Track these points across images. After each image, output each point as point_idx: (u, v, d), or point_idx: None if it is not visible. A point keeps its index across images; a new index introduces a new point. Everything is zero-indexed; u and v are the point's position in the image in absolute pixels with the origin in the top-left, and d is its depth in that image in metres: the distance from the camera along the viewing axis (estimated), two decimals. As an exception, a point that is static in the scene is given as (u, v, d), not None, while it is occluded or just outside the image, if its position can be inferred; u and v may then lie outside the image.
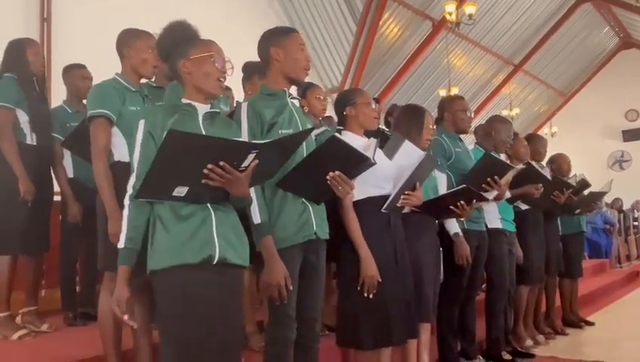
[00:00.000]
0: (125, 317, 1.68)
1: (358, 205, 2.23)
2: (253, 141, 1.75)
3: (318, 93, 3.25)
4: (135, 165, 1.73)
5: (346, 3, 9.65)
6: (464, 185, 2.63)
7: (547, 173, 4.09)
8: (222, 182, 1.63)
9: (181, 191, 1.63)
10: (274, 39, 2.10)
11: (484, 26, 11.81)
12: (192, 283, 1.64)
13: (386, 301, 2.23)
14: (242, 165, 1.64)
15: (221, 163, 1.60)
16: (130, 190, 1.72)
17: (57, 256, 3.47)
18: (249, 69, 3.00)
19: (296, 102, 2.25)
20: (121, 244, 1.70)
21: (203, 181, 1.62)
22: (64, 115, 3.38)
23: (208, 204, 1.71)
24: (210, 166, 1.59)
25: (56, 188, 3.31)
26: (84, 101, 3.27)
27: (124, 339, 2.34)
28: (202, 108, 1.80)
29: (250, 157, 1.63)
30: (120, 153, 2.26)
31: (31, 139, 3.06)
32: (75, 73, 3.52)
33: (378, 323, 2.23)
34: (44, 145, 3.13)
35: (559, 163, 4.56)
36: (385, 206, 2.31)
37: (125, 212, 1.72)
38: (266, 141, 1.69)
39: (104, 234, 2.18)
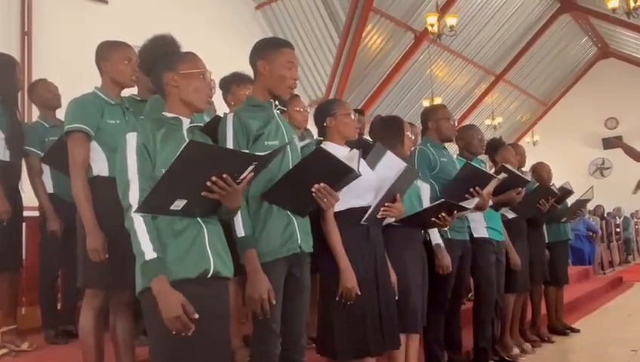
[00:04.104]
0: (196, 315, 1.56)
1: (338, 216, 2.22)
2: (256, 153, 1.75)
3: (298, 104, 3.24)
4: (131, 177, 1.67)
5: (328, 14, 9.73)
6: (442, 200, 2.64)
7: (529, 178, 4.13)
8: (221, 195, 1.63)
9: (179, 204, 1.63)
10: (263, 52, 2.08)
11: (465, 37, 11.97)
12: (190, 297, 1.62)
13: (363, 312, 2.22)
14: (240, 177, 1.65)
15: (224, 175, 1.60)
16: (134, 204, 1.64)
17: (37, 273, 3.40)
18: (226, 83, 2.99)
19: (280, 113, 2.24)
20: (151, 255, 1.59)
21: (202, 193, 1.62)
22: (42, 130, 3.31)
23: (198, 218, 1.71)
24: (214, 178, 1.60)
25: (34, 203, 3.25)
26: (57, 113, 3.25)
27: (107, 357, 2.30)
28: (186, 122, 1.81)
29: (249, 169, 1.64)
30: (99, 167, 2.23)
31: (4, 155, 3.00)
32: (41, 87, 3.46)
33: (353, 334, 2.22)
34: (16, 161, 3.09)
35: (539, 172, 4.61)
36: (364, 218, 2.31)
37: (140, 225, 1.62)
38: (265, 153, 1.71)
39: (84, 250, 2.14)
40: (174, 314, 1.55)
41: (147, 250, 1.60)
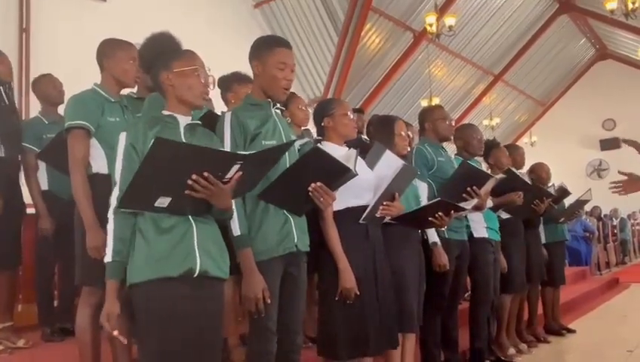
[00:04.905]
0: (115, 332, 1.62)
1: (337, 215, 2.23)
2: (239, 152, 1.73)
3: (300, 103, 3.26)
4: (117, 177, 1.70)
5: (327, 13, 9.73)
6: (439, 198, 2.64)
7: (527, 180, 4.13)
8: (206, 194, 1.61)
9: (163, 201, 1.61)
10: (257, 52, 2.07)
11: (464, 37, 11.99)
12: (171, 296, 1.62)
13: (363, 312, 2.23)
14: (226, 176, 1.62)
15: (205, 173, 1.58)
16: (113, 203, 1.67)
17: (34, 270, 3.39)
18: (225, 83, 2.98)
19: (280, 113, 2.23)
20: (108, 258, 1.66)
21: (186, 192, 1.60)
22: (40, 126, 3.30)
23: (190, 216, 1.70)
24: (194, 177, 1.57)
25: (31, 200, 3.23)
26: (59, 109, 3.23)
27: (103, 355, 2.30)
28: (183, 120, 1.80)
29: (235, 168, 1.61)
30: (98, 165, 2.22)
31: None
32: (45, 82, 3.45)
33: (355, 333, 2.22)
34: (13, 156, 3.07)
35: (538, 172, 4.62)
36: (363, 217, 2.31)
37: (110, 225, 1.67)
38: (250, 152, 1.68)
39: (82, 247, 2.13)
40: (102, 321, 1.65)
41: (109, 252, 1.66)
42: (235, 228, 1.91)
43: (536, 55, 14.15)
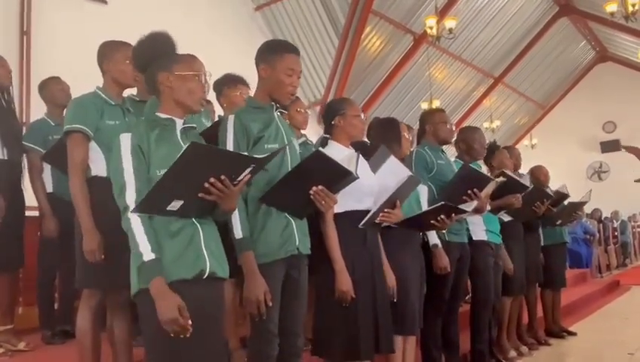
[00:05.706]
0: (190, 322, 1.56)
1: (335, 218, 2.23)
2: (254, 156, 1.75)
3: (299, 106, 3.26)
4: (127, 179, 1.66)
5: (328, 16, 9.75)
6: (442, 203, 2.64)
7: (527, 181, 4.13)
8: (219, 196, 1.63)
9: (175, 205, 1.63)
10: (265, 55, 2.07)
11: (464, 40, 12.01)
12: (188, 298, 1.62)
13: (357, 316, 2.22)
14: (237, 179, 1.65)
15: (222, 177, 1.60)
16: (131, 205, 1.63)
17: (35, 273, 3.39)
18: (217, 87, 2.99)
19: (281, 115, 2.23)
20: (149, 256, 1.59)
21: (200, 195, 1.61)
22: (46, 127, 3.30)
23: (194, 219, 1.70)
24: (212, 180, 1.59)
25: (34, 202, 3.24)
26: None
27: (104, 357, 2.30)
28: (179, 123, 1.80)
29: (247, 171, 1.64)
30: (97, 168, 2.23)
31: (1, 153, 2.99)
32: (53, 85, 3.44)
33: (348, 337, 2.22)
34: (15, 158, 3.07)
35: (536, 175, 4.63)
36: (363, 222, 2.31)
37: (137, 225, 1.61)
38: (263, 156, 1.71)
39: (81, 251, 2.14)
40: (171, 317, 1.54)
41: (145, 251, 1.60)
42: (237, 231, 1.92)
43: (536, 58, 14.17)
